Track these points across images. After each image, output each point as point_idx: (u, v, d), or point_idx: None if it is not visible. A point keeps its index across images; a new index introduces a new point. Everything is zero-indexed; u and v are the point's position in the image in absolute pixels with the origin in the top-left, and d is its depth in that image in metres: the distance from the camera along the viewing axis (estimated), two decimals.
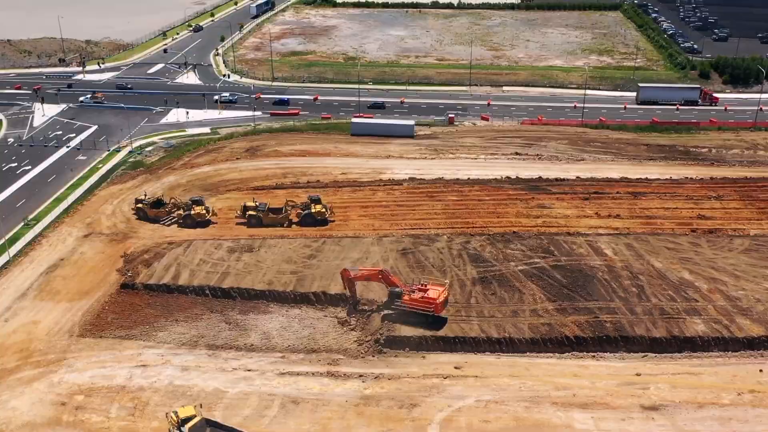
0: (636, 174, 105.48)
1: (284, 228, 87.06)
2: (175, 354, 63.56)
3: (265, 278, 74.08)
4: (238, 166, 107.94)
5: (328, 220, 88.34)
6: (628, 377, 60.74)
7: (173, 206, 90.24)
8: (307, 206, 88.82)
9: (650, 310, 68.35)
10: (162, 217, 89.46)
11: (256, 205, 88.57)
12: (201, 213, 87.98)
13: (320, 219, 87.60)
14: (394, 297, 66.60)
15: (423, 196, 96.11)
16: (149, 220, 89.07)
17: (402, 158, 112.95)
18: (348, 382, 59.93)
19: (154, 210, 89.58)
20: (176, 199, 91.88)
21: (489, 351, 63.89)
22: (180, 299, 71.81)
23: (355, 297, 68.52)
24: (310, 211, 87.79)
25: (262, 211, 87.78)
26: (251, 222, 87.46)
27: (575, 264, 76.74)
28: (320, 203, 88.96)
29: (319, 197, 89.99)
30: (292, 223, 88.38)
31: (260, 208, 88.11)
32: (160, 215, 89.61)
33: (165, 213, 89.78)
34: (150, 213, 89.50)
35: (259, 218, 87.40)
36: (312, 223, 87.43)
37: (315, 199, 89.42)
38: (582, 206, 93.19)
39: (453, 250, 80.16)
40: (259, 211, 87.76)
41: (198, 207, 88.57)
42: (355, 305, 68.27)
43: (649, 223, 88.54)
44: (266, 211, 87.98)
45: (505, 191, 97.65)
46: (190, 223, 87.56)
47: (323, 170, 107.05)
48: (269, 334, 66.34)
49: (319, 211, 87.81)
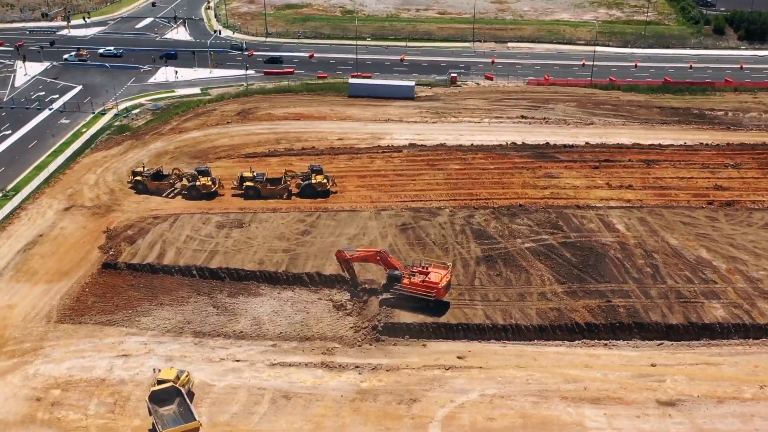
0: (648, 139, 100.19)
1: (283, 200, 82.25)
2: (159, 342, 59.50)
3: (255, 257, 69.63)
4: (228, 131, 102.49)
5: (330, 191, 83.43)
6: (643, 368, 56.83)
7: (176, 177, 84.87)
8: (307, 177, 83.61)
9: (666, 292, 64.08)
10: (164, 190, 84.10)
11: (254, 176, 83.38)
12: (207, 184, 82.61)
13: (321, 190, 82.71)
14: (392, 280, 62.29)
15: (424, 165, 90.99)
16: (149, 194, 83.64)
17: (402, 122, 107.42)
18: (343, 374, 56.02)
19: (155, 182, 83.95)
20: (179, 170, 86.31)
21: (494, 339, 59.80)
22: (165, 280, 67.45)
23: (355, 279, 64.16)
24: (311, 182, 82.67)
25: (260, 181, 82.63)
26: (248, 193, 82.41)
27: (585, 241, 72.20)
28: (321, 173, 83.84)
29: (320, 167, 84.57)
30: (291, 195, 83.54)
31: (258, 178, 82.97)
32: (163, 188, 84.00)
33: (168, 185, 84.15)
34: (151, 186, 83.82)
35: (257, 189, 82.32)
36: (312, 195, 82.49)
37: (316, 169, 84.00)
38: (592, 175, 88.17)
39: (455, 225, 75.53)
40: (257, 182, 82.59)
41: (204, 178, 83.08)
42: (356, 287, 63.89)
43: (663, 194, 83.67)
44: (264, 181, 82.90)
45: (511, 159, 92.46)
46: (195, 194, 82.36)
47: (318, 135, 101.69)
48: (260, 320, 62.22)
49: (320, 182, 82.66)
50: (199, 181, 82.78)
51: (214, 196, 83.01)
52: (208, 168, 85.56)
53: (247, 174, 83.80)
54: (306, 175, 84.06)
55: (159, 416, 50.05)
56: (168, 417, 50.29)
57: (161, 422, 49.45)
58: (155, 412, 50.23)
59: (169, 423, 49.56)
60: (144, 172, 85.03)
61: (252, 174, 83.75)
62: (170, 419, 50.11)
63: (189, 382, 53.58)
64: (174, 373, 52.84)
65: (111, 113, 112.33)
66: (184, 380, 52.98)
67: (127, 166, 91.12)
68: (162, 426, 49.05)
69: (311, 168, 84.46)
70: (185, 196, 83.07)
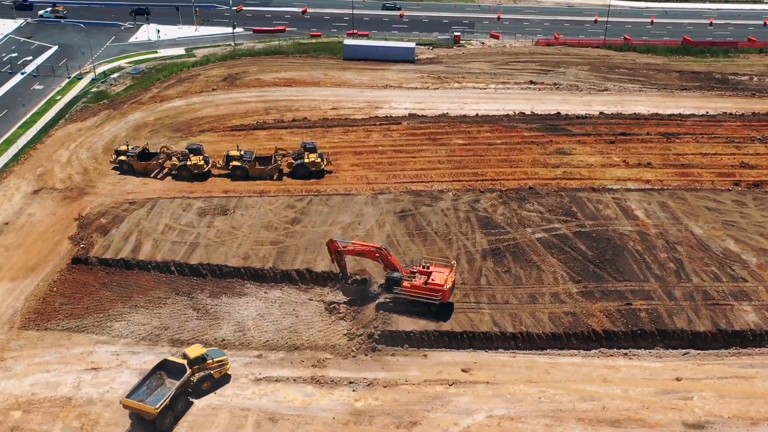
0: (667, 108, 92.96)
1: (273, 181, 75.64)
2: (132, 353, 53.77)
3: (240, 251, 63.43)
4: (214, 100, 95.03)
5: (325, 171, 76.68)
6: (667, 383, 51.27)
7: (165, 156, 77.67)
8: (300, 155, 76.66)
9: (691, 293, 58.18)
10: (152, 170, 76.98)
11: (242, 154, 76.32)
12: (199, 164, 75.52)
13: (315, 170, 75.88)
14: (392, 283, 56.23)
15: (424, 139, 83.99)
16: (136, 175, 76.51)
17: (401, 88, 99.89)
18: (336, 390, 50.49)
19: (142, 162, 76.58)
20: (168, 148, 78.92)
21: (502, 348, 54.15)
22: (141, 277, 61.38)
23: (345, 273, 57.69)
24: (303, 162, 75.64)
25: (248, 161, 75.56)
26: (235, 174, 75.51)
27: (602, 230, 65.95)
28: (315, 151, 76.71)
29: (314, 144, 77.35)
30: (282, 175, 76.81)
31: (246, 157, 75.89)
32: (151, 168, 76.86)
33: (157, 165, 76.99)
34: (137, 166, 76.42)
35: (245, 170, 75.35)
36: (305, 175, 75.67)
37: (310, 147, 76.58)
38: (607, 151, 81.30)
39: (459, 211, 69.13)
40: (245, 162, 75.55)
41: (195, 157, 75.91)
42: (346, 281, 57.76)
43: (685, 173, 76.99)
44: (253, 161, 75.94)
45: (519, 132, 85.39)
46: (186, 175, 75.41)
47: (311, 104, 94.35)
48: (244, 325, 56.40)
49: (314, 161, 75.63)
50: (190, 161, 75.67)
51: (207, 177, 76.11)
52: (200, 146, 77.90)
53: (233, 153, 76.77)
54: (298, 153, 77.08)
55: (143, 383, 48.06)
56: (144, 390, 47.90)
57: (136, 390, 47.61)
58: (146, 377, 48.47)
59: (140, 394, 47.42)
60: (129, 151, 77.44)
61: (239, 152, 76.75)
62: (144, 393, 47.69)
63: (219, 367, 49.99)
64: (201, 352, 49.58)
65: (88, 78, 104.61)
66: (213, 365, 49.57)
67: (103, 141, 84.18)
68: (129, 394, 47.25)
69: (304, 145, 77.34)
70: (175, 176, 76.10)
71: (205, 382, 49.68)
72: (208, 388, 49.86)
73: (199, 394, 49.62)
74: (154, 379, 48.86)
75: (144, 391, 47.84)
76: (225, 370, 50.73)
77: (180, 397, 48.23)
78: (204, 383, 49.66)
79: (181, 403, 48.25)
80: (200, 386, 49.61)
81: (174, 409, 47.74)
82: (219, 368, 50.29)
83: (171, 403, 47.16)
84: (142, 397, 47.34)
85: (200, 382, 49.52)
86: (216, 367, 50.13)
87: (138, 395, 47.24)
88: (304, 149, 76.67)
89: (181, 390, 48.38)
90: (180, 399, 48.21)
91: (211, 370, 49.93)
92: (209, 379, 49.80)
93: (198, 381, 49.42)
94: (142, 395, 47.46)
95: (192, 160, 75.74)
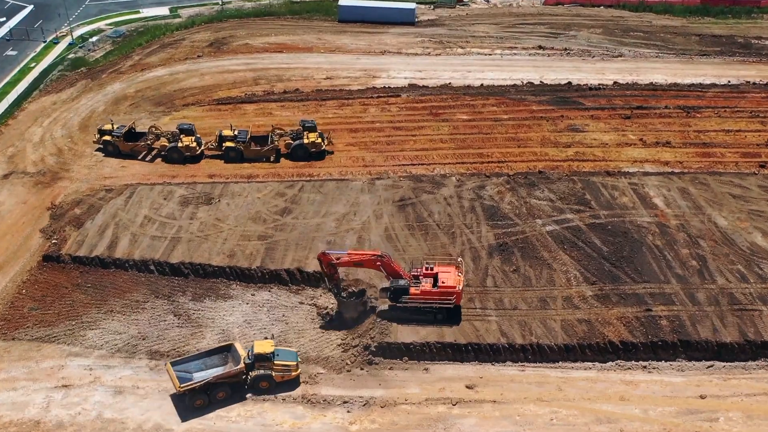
0: (687, 77, 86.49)
1: (270, 163, 69.92)
2: (107, 366, 49.27)
3: (225, 247, 58.36)
4: (199, 68, 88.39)
5: (325, 151, 70.90)
6: (690, 401, 46.99)
7: (154, 137, 71.21)
8: (298, 135, 70.67)
9: (716, 296, 53.42)
10: (140, 152, 70.92)
11: (236, 134, 70.28)
12: (191, 146, 69.51)
13: (315, 151, 70.01)
14: (400, 293, 51.04)
15: (426, 114, 77.92)
16: (122, 157, 70.41)
17: (400, 54, 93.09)
18: (329, 411, 46.19)
19: (129, 143, 70.47)
20: (157, 127, 72.34)
21: (511, 360, 49.70)
22: (118, 277, 56.44)
23: (338, 287, 52.40)
24: (302, 142, 69.74)
25: (242, 142, 69.62)
26: (229, 156, 69.67)
27: (618, 222, 60.79)
28: (315, 130, 70.59)
29: (314, 123, 71.26)
30: (280, 156, 71.02)
31: (240, 138, 69.86)
32: (139, 150, 70.80)
33: (144, 147, 70.82)
34: (124, 147, 70.28)
35: (239, 151, 69.53)
36: (304, 157, 69.85)
37: (309, 125, 70.58)
38: (623, 128, 75.39)
39: (464, 199, 63.82)
40: (239, 143, 69.64)
41: (187, 138, 69.97)
42: (340, 296, 52.71)
43: (707, 153, 71.30)
44: (248, 142, 70.04)
45: (528, 106, 79.26)
46: (177, 157, 69.53)
47: (303, 73, 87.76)
48: (229, 334, 51.70)
49: (314, 141, 69.72)
50: (181, 142, 69.66)
51: (199, 159, 70.17)
52: (192, 125, 71.50)
53: (227, 132, 70.64)
54: (297, 133, 70.98)
55: (202, 356, 47.17)
56: (198, 363, 46.81)
57: (190, 359, 47.04)
58: (209, 352, 47.47)
59: (190, 366, 46.60)
60: (114, 131, 70.81)
61: (233, 132, 70.64)
62: (196, 366, 46.66)
63: (283, 371, 46.53)
64: (267, 350, 46.28)
65: (65, 42, 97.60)
66: (277, 367, 46.27)
67: (80, 117, 78.09)
68: (180, 361, 46.75)
69: (303, 124, 71.24)
70: (165, 158, 70.18)
71: (262, 382, 46.37)
72: (266, 388, 46.47)
73: (256, 391, 46.47)
74: (218, 357, 47.15)
75: (196, 365, 46.53)
76: (290, 376, 46.76)
77: (221, 386, 45.72)
78: (261, 382, 46.40)
79: (222, 392, 45.78)
80: (257, 384, 46.40)
81: (210, 396, 45.63)
82: (282, 372, 46.43)
83: (205, 389, 45.16)
84: (193, 369, 46.06)
85: (257, 380, 46.31)
86: (279, 370, 46.33)
87: (188, 366, 46.13)
88: (303, 128, 70.80)
89: (224, 380, 45.55)
90: (221, 388, 45.74)
91: (274, 371, 46.17)
92: (268, 380, 46.38)
93: (255, 379, 46.24)
94: (193, 367, 46.21)
95: (183, 141, 69.88)
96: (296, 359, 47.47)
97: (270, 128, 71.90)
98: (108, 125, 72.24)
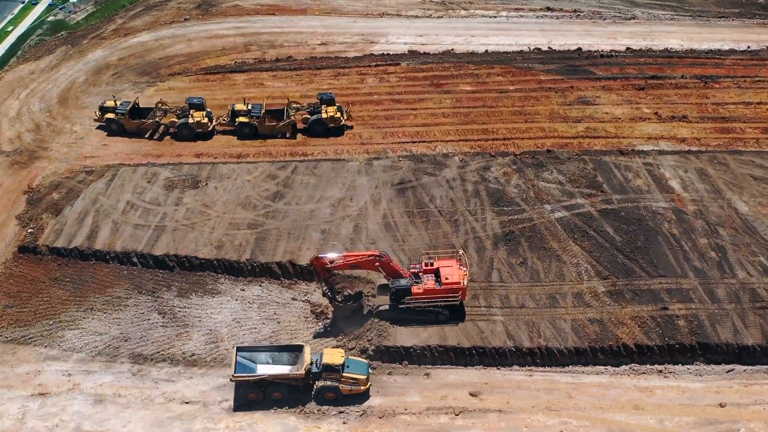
0: (703, 42, 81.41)
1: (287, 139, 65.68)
2: (86, 372, 46.21)
3: (212, 237, 54.68)
4: (186, 33, 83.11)
5: (345, 126, 66.40)
6: (709, 409, 44.11)
7: (162, 113, 66.75)
8: (316, 109, 66.17)
9: (736, 292, 50.00)
10: (146, 130, 66.30)
11: (249, 109, 65.69)
12: (202, 122, 65.05)
13: (334, 126, 65.56)
14: (402, 294, 47.50)
15: (427, 85, 73.17)
16: (128, 135, 65.77)
17: (399, 16, 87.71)
18: (323, 423, 43.16)
19: (135, 121, 65.77)
20: (164, 102, 67.75)
21: (517, 364, 46.64)
22: (98, 271, 52.93)
23: (334, 291, 48.34)
24: (321, 117, 65.28)
25: (257, 117, 65.18)
26: (243, 132, 65.33)
27: (632, 208, 56.97)
28: (333, 103, 66.12)
29: (332, 96, 66.71)
30: (297, 132, 66.54)
31: (254, 112, 65.41)
32: (146, 128, 66.16)
33: (153, 124, 66.15)
34: (130, 126, 65.61)
35: (253, 127, 65.19)
36: (322, 132, 65.49)
37: (327, 98, 66.18)
38: (637, 100, 70.82)
39: (467, 182, 59.85)
40: (253, 118, 65.21)
41: (198, 113, 65.45)
42: (335, 300, 48.58)
43: (726, 129, 66.98)
44: (262, 117, 65.50)
45: (535, 76, 74.44)
46: (188, 134, 65.24)
47: (297, 38, 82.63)
48: (217, 334, 48.56)
49: (333, 116, 65.24)
50: (192, 118, 65.11)
51: (211, 136, 65.89)
52: (202, 100, 66.84)
53: (240, 107, 65.76)
54: (315, 107, 66.49)
55: (272, 350, 45.24)
56: (266, 356, 44.83)
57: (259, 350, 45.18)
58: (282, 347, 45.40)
59: (259, 357, 44.80)
60: (118, 108, 65.86)
61: (246, 107, 65.85)
62: (263, 358, 44.69)
63: (351, 386, 43.50)
64: (337, 361, 43.31)
65: (44, 2, 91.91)
66: (346, 380, 43.29)
67: (59, 89, 73.37)
68: (248, 348, 45.11)
69: (321, 97, 66.65)
70: (175, 135, 65.83)
71: (328, 393, 43.57)
72: (331, 399, 43.72)
73: (321, 401, 43.72)
74: (288, 355, 44.84)
75: (264, 357, 44.66)
76: (358, 390, 43.72)
77: (278, 386, 43.62)
78: (327, 393, 43.58)
79: (278, 393, 43.68)
80: (322, 395, 43.67)
81: (265, 393, 43.67)
82: (351, 386, 43.45)
83: (260, 384, 43.44)
84: (259, 360, 44.37)
85: (323, 390, 43.53)
86: (348, 383, 43.36)
87: (255, 355, 44.54)
88: (320, 101, 66.30)
89: (282, 381, 43.37)
90: (277, 388, 43.63)
91: (342, 384, 43.31)
92: (335, 392, 43.56)
93: (321, 389, 43.44)
94: (260, 359, 44.48)
95: (194, 116, 65.35)
96: (367, 372, 44.21)
97: (286, 102, 67.53)
98: (110, 101, 67.15)
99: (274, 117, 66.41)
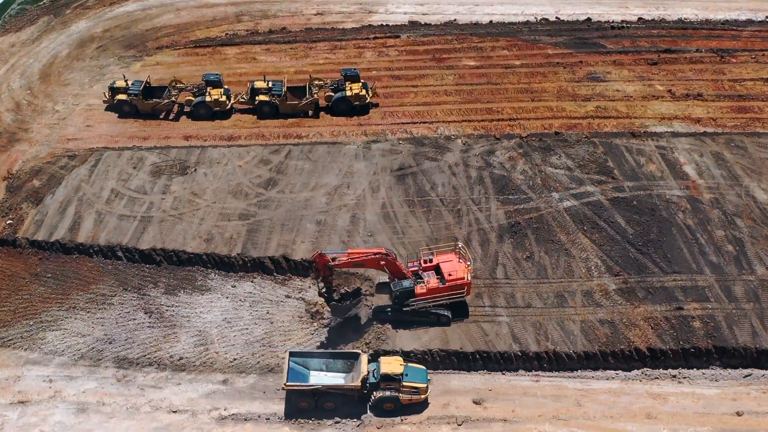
0: (719, 11, 77.08)
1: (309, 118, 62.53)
2: (69, 377, 43.88)
3: (202, 228, 51.78)
4: (174, 2, 78.59)
5: (370, 104, 62.95)
6: (725, 418, 41.90)
7: (177, 91, 63.35)
8: (339, 86, 62.67)
9: (755, 290, 47.38)
10: (161, 111, 62.87)
11: (270, 86, 62.22)
12: (220, 100, 61.60)
13: (359, 105, 62.20)
14: (406, 296, 44.80)
15: (428, 59, 69.23)
16: (142, 117, 62.33)
17: None
18: None
19: (149, 102, 62.17)
20: (178, 81, 64.15)
21: (524, 369, 44.25)
22: (81, 265, 50.18)
23: (330, 290, 45.32)
24: (344, 94, 61.80)
25: (278, 95, 61.76)
26: (263, 111, 62.03)
27: (644, 196, 53.91)
28: (358, 80, 62.60)
29: (356, 72, 63.25)
30: (320, 110, 63.14)
31: (276, 90, 61.98)
32: (161, 108, 62.66)
33: (168, 104, 62.67)
34: (144, 107, 62.15)
35: (274, 105, 61.88)
36: (346, 111, 62.27)
37: (351, 74, 62.82)
38: (649, 76, 67.04)
39: (471, 167, 56.67)
40: (274, 96, 61.83)
41: (215, 90, 61.96)
42: (332, 300, 45.66)
43: (743, 108, 63.39)
44: (284, 95, 61.98)
45: (542, 50, 70.43)
46: (205, 113, 61.98)
47: (291, 7, 78.29)
48: (207, 336, 46.09)
49: (357, 93, 61.78)
50: (209, 96, 61.62)
51: (229, 115, 62.65)
52: (219, 76, 63.33)
53: (260, 84, 62.23)
54: (338, 84, 62.96)
55: (326, 356, 43.14)
56: (320, 362, 42.84)
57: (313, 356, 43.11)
58: (337, 354, 43.29)
59: (312, 363, 42.87)
60: (130, 89, 62.06)
61: (267, 84, 62.32)
62: (316, 364, 42.76)
63: (410, 395, 41.34)
64: (396, 370, 41.02)
65: None
66: (405, 389, 41.11)
67: (41, 64, 69.52)
68: (302, 354, 42.94)
69: (345, 73, 63.16)
70: (191, 115, 62.50)
71: (387, 403, 41.35)
72: (390, 410, 41.50)
73: (379, 412, 41.43)
74: (343, 362, 42.80)
75: (317, 363, 42.72)
76: (418, 399, 41.52)
77: (332, 396, 41.59)
78: (386, 404, 41.37)
79: (331, 403, 41.66)
80: (381, 405, 41.43)
81: (318, 403, 41.62)
82: (411, 395, 41.22)
83: (313, 393, 41.31)
84: (312, 366, 42.56)
85: (381, 401, 41.22)
86: (407, 393, 41.14)
87: (308, 361, 42.61)
88: (344, 78, 62.81)
89: (336, 391, 41.67)
90: (331, 398, 41.59)
91: (401, 393, 41.09)
92: (394, 402, 41.31)
93: (379, 400, 41.11)
94: (313, 365, 42.63)
95: (212, 95, 61.80)
96: (426, 380, 41.82)
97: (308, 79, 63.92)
98: (120, 81, 63.28)
99: (295, 95, 62.92)
